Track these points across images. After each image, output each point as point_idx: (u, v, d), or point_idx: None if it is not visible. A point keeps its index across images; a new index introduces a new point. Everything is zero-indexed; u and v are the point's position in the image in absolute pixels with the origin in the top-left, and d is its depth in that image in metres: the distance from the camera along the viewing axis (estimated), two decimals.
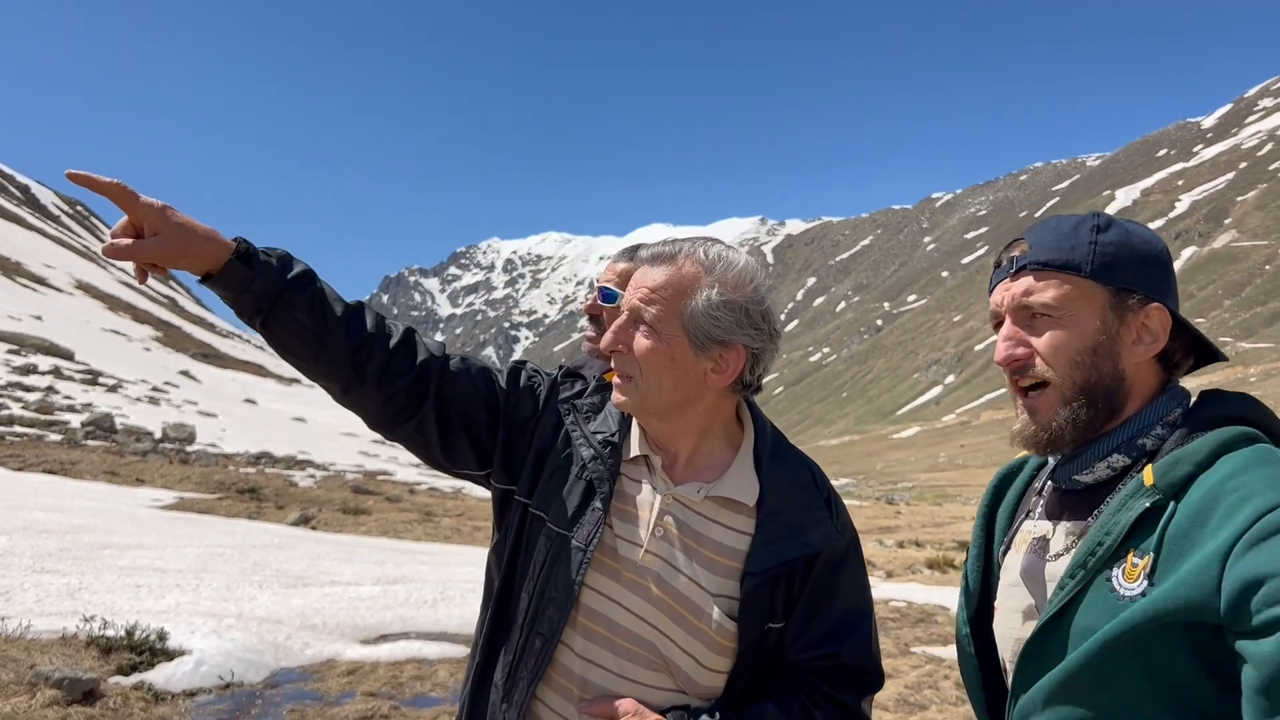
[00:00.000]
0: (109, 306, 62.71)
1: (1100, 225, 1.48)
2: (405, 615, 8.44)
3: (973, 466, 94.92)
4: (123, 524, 11.94)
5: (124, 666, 5.81)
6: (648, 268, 1.71)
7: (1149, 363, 1.49)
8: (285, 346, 1.69)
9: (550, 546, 1.70)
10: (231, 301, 1.65)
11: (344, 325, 1.69)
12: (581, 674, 1.65)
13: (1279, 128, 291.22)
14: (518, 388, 1.83)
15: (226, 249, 1.62)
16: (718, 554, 1.67)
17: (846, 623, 1.72)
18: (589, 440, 1.75)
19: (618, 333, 1.70)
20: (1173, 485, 1.34)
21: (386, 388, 1.71)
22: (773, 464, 1.75)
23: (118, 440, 24.02)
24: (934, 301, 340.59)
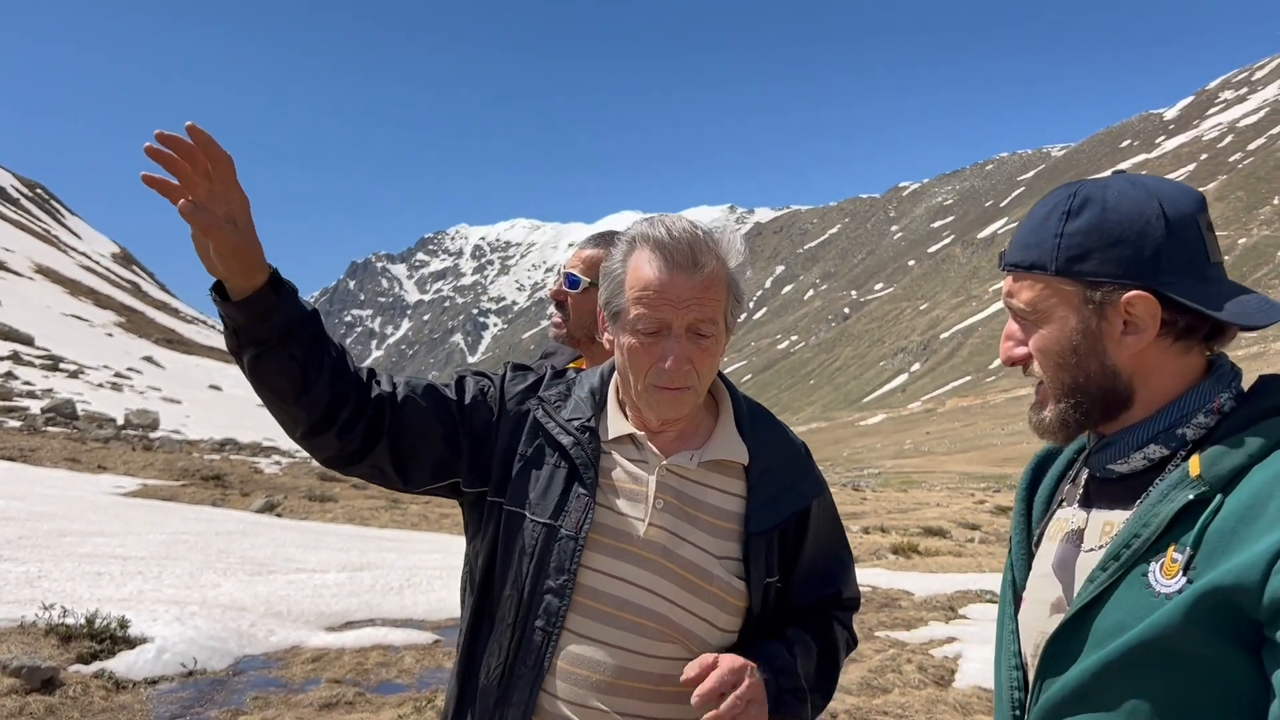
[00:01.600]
0: (70, 291, 61.79)
1: (1072, 210, 1.36)
2: (371, 602, 8.41)
3: (938, 453, 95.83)
4: (84, 511, 11.79)
5: (84, 655, 5.75)
6: (680, 276, 1.65)
7: (1162, 345, 1.35)
8: (269, 384, 1.61)
9: (538, 539, 1.69)
10: (242, 326, 1.56)
11: (333, 371, 1.64)
12: (593, 656, 1.65)
13: (1239, 120, 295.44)
14: (468, 396, 1.81)
15: (265, 270, 1.56)
16: (717, 518, 1.73)
17: (840, 560, 1.88)
18: (565, 428, 1.75)
19: (681, 357, 1.66)
20: (1220, 478, 1.24)
21: (346, 434, 1.67)
22: (754, 425, 1.82)
23: (79, 427, 23.71)
24: (900, 290, 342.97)
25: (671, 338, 1.66)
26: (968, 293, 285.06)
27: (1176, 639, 1.21)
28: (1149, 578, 1.26)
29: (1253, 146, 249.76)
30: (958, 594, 11.61)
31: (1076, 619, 1.34)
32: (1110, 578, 1.30)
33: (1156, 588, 1.24)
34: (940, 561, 16.06)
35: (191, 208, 1.45)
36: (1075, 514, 1.46)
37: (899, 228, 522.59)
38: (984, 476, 63.41)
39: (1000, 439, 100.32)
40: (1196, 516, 1.23)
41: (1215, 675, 1.21)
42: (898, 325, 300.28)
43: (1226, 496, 1.22)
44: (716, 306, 1.68)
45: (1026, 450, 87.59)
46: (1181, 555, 1.23)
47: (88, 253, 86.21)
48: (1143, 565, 1.27)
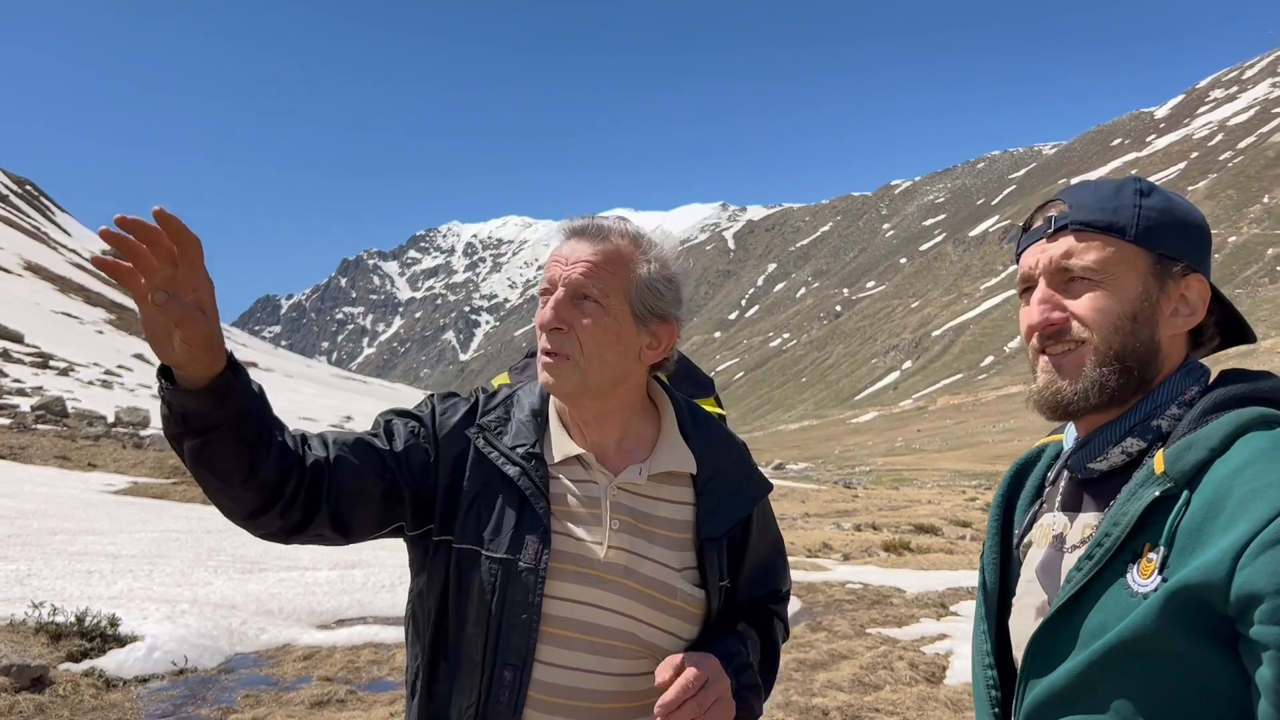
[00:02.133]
0: (60, 288, 61.54)
1: (1143, 190, 1.41)
2: (363, 600, 8.40)
3: (929, 451, 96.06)
4: (74, 509, 11.76)
5: (74, 653, 5.73)
6: (577, 243, 1.67)
7: (1180, 337, 1.41)
8: (213, 467, 1.48)
9: (497, 573, 1.62)
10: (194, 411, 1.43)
11: (280, 450, 1.53)
12: (569, 684, 1.62)
13: (1229, 118, 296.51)
14: (400, 442, 1.69)
15: (223, 355, 1.42)
16: (672, 530, 1.71)
17: (781, 555, 1.93)
18: (510, 457, 1.68)
19: (558, 309, 1.63)
20: (1185, 472, 1.24)
21: (288, 510, 1.56)
22: (697, 431, 1.79)
23: (69, 424, 23.63)
24: (892, 288, 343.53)
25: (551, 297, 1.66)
26: (959, 290, 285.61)
27: (1154, 638, 1.21)
28: (1128, 578, 1.26)
29: (1243, 145, 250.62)
30: (949, 591, 11.64)
31: (1057, 620, 1.34)
32: (1085, 577, 1.30)
33: (1134, 588, 1.25)
34: (931, 559, 16.09)
35: (165, 298, 1.32)
36: (1057, 518, 1.47)
37: (891, 226, 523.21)
38: (975, 474, 63.56)
39: (991, 436, 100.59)
40: (1167, 513, 1.24)
41: (1195, 672, 1.22)
42: (889, 323, 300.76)
43: (1193, 492, 1.23)
44: (610, 279, 1.63)
45: (1018, 448, 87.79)
46: (1156, 555, 1.24)
47: (77, 250, 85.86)
48: (1119, 565, 1.28)
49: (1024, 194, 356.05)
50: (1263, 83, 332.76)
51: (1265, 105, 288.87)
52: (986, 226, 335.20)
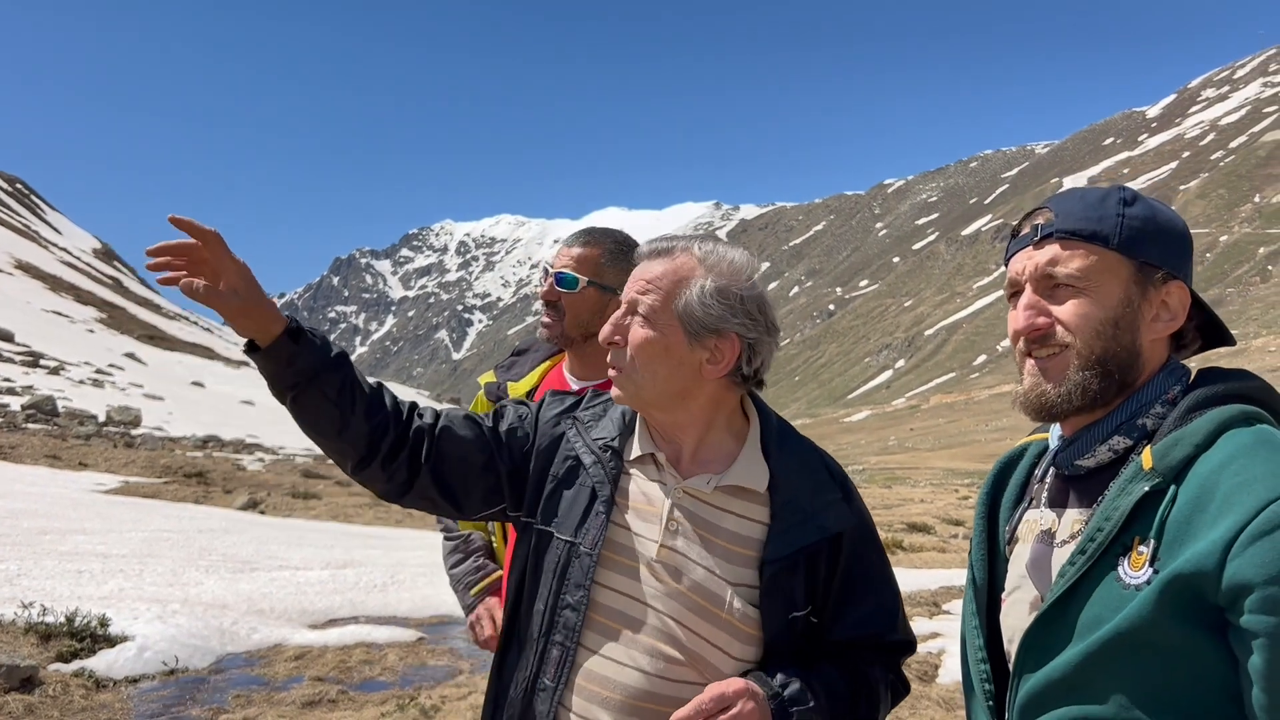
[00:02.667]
0: (50, 287, 61.34)
1: (1127, 199, 1.45)
2: (355, 599, 8.38)
3: (922, 450, 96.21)
4: (64, 509, 11.71)
5: (64, 653, 5.70)
6: (646, 262, 1.76)
7: (1161, 341, 1.46)
8: (310, 422, 1.74)
9: (561, 555, 1.73)
10: (270, 373, 1.69)
11: (366, 407, 1.74)
12: (609, 674, 1.67)
13: (1220, 118, 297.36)
14: (505, 424, 1.86)
15: (280, 323, 1.67)
16: (733, 543, 1.70)
17: (883, 605, 1.81)
18: (590, 447, 1.79)
19: (615, 325, 1.74)
20: (1171, 468, 1.30)
21: (389, 465, 1.76)
22: (781, 451, 1.78)
23: (60, 424, 23.55)
24: (885, 287, 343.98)
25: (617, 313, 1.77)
26: (952, 289, 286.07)
27: (1149, 629, 1.26)
28: (1119, 570, 1.31)
29: (1234, 144, 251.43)
30: (941, 590, 11.64)
31: (1051, 615, 1.38)
32: (1079, 571, 1.35)
33: (1126, 580, 1.30)
34: (924, 557, 16.12)
35: (189, 287, 1.61)
36: (1044, 514, 1.51)
37: (884, 225, 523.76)
38: (967, 473, 63.69)
39: (984, 435, 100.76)
40: (1156, 508, 1.29)
41: (1188, 661, 1.26)
42: (882, 322, 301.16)
43: (1179, 487, 1.28)
44: (661, 296, 1.71)
45: (1010, 446, 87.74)
46: (1147, 548, 1.29)
47: (68, 248, 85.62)
48: (1110, 559, 1.33)
49: (1016, 193, 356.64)
50: (1254, 82, 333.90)
51: (1256, 105, 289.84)
52: (979, 225, 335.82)
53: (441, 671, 6.65)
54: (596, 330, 2.41)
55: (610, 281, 2.47)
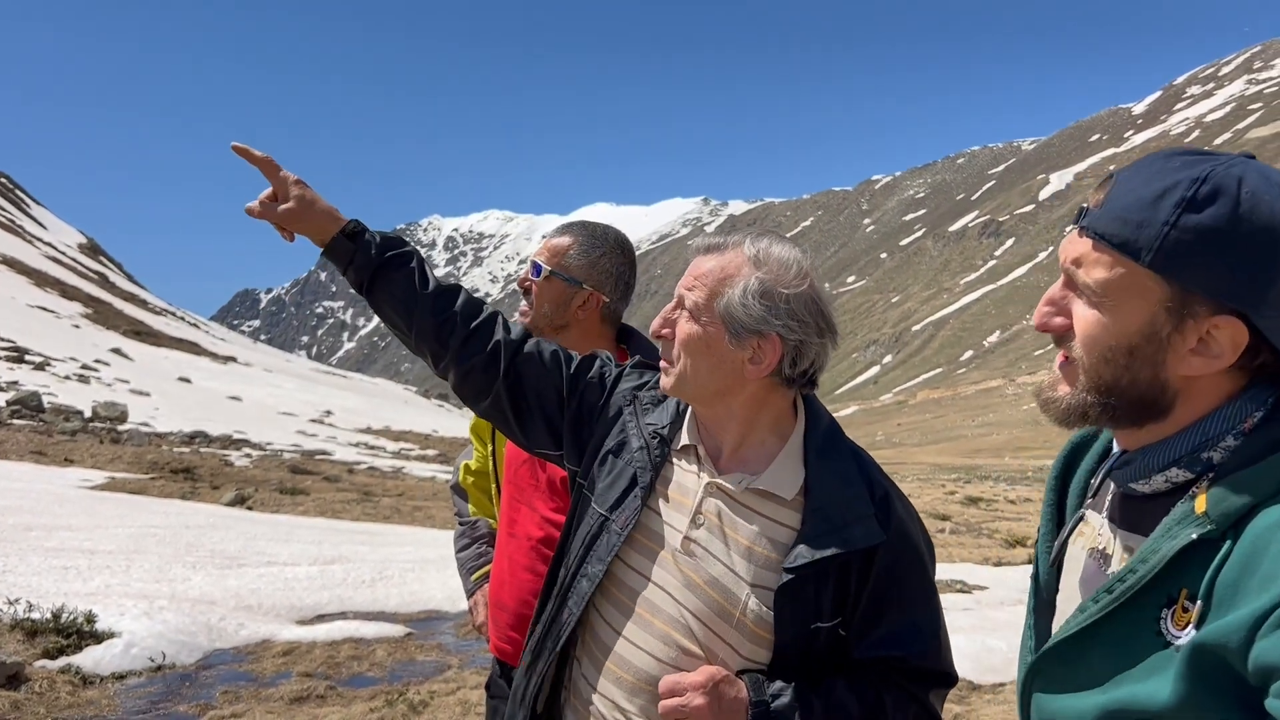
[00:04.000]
0: (35, 282, 60.94)
1: (1196, 199, 1.10)
2: (343, 595, 8.36)
3: (909, 445, 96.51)
4: (50, 505, 11.65)
5: (50, 650, 5.68)
6: (700, 257, 1.76)
7: (1211, 377, 1.17)
8: (383, 315, 1.92)
9: (594, 526, 1.79)
10: (341, 272, 1.92)
11: (432, 301, 1.89)
12: (620, 652, 1.72)
13: (1206, 115, 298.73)
14: (588, 375, 1.93)
15: (338, 226, 1.91)
16: (756, 544, 1.68)
17: (915, 625, 1.71)
18: (641, 432, 1.82)
19: (665, 317, 1.77)
20: (1227, 516, 1.08)
21: (463, 362, 1.89)
22: (820, 459, 1.72)
23: (45, 419, 23.42)
24: (873, 283, 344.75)
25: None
26: (939, 285, 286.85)
27: (1185, 701, 1.08)
28: (1162, 624, 1.13)
29: (1219, 141, 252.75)
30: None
31: (1067, 646, 1.24)
32: (1101, 611, 1.18)
33: (1167, 636, 1.12)
34: None
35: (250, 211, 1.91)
36: (1103, 527, 1.32)
37: (871, 221, 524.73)
38: (954, 468, 63.95)
39: (970, 431, 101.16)
40: (1208, 558, 1.09)
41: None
42: (870, 318, 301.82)
43: (1235, 540, 1.08)
44: (707, 293, 1.70)
45: (996, 442, 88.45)
46: (1193, 605, 1.09)
47: (54, 243, 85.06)
48: (1149, 605, 1.15)
49: (1003, 189, 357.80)
50: (1238, 79, 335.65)
51: (1241, 101, 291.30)
52: (966, 222, 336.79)
53: (430, 667, 6.65)
54: (562, 322, 2.45)
55: (576, 273, 2.45)
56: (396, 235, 1.94)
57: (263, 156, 1.88)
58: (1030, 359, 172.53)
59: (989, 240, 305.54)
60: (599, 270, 2.48)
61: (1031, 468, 59.69)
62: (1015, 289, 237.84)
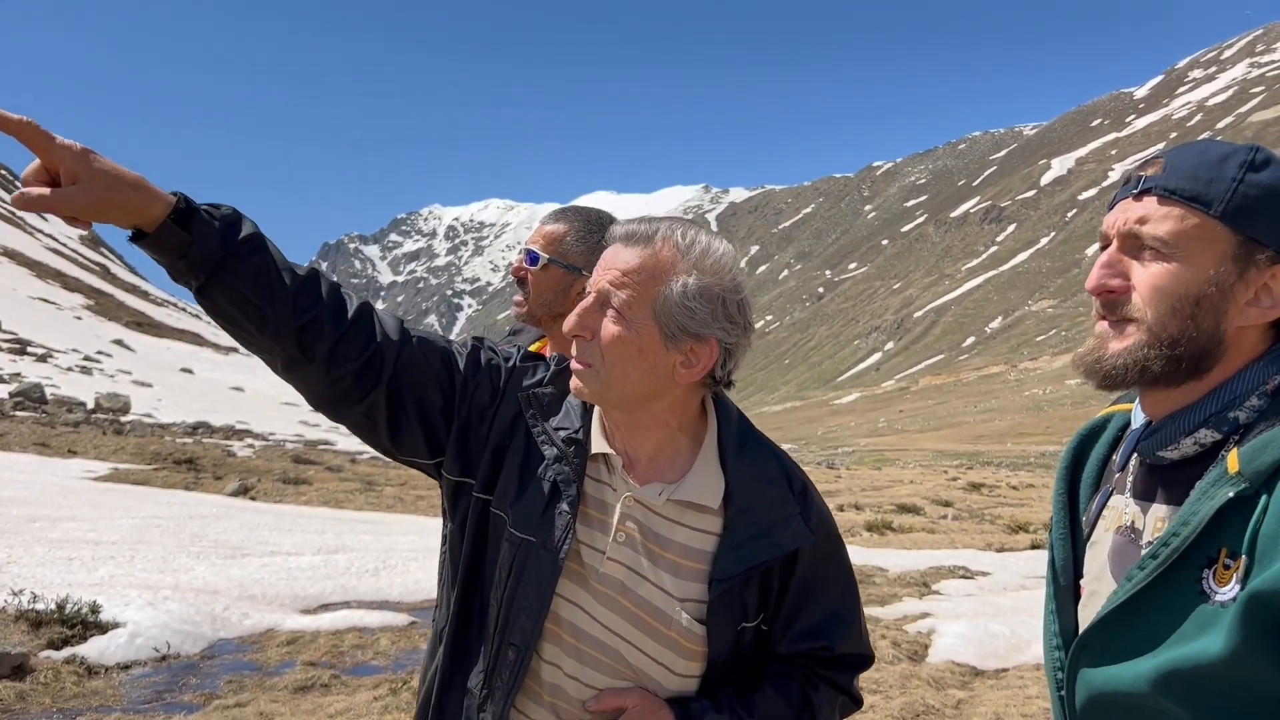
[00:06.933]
0: (37, 274, 60.96)
1: (1255, 162, 1.25)
2: (346, 584, 8.39)
3: (911, 431, 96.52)
4: (54, 496, 11.67)
5: (55, 640, 5.70)
6: (620, 247, 1.58)
7: (1256, 329, 1.27)
8: (225, 317, 1.53)
9: (515, 552, 1.59)
10: (166, 266, 1.48)
11: (292, 299, 1.52)
12: (550, 680, 1.59)
13: (1208, 98, 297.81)
14: (477, 371, 1.68)
15: (162, 205, 1.43)
16: (683, 557, 1.59)
17: (836, 614, 1.68)
18: (551, 438, 1.63)
19: (582, 316, 1.56)
20: (1260, 474, 1.15)
21: (334, 370, 1.56)
22: (739, 459, 1.64)
23: (48, 411, 23.46)
24: (874, 269, 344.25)
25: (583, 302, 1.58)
26: (941, 271, 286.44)
27: (1238, 655, 1.12)
28: (1204, 584, 1.18)
29: (1221, 125, 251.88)
30: (931, 570, 11.72)
31: (1115, 618, 1.27)
32: (1148, 577, 1.22)
33: (1212, 595, 1.17)
34: (914, 538, 16.20)
35: (23, 202, 1.37)
36: (1130, 505, 1.36)
37: (873, 207, 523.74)
38: (957, 454, 63.98)
39: (973, 416, 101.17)
40: (1246, 515, 1.15)
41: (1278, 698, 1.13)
42: (871, 304, 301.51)
43: (1270, 495, 1.13)
44: (637, 291, 1.53)
45: (998, 428, 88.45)
46: (1235, 562, 1.15)
47: (55, 235, 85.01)
48: (1189, 567, 1.20)
49: (1004, 175, 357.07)
50: (1240, 63, 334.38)
51: (1243, 85, 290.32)
52: (967, 207, 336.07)
53: None
54: (561, 311, 2.29)
55: (575, 260, 2.39)
56: (233, 210, 1.52)
57: (20, 121, 1.35)
58: (1032, 345, 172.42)
59: (990, 226, 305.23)
60: (597, 255, 2.46)
61: (1034, 453, 59.70)
62: (1017, 275, 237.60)
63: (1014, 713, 5.75)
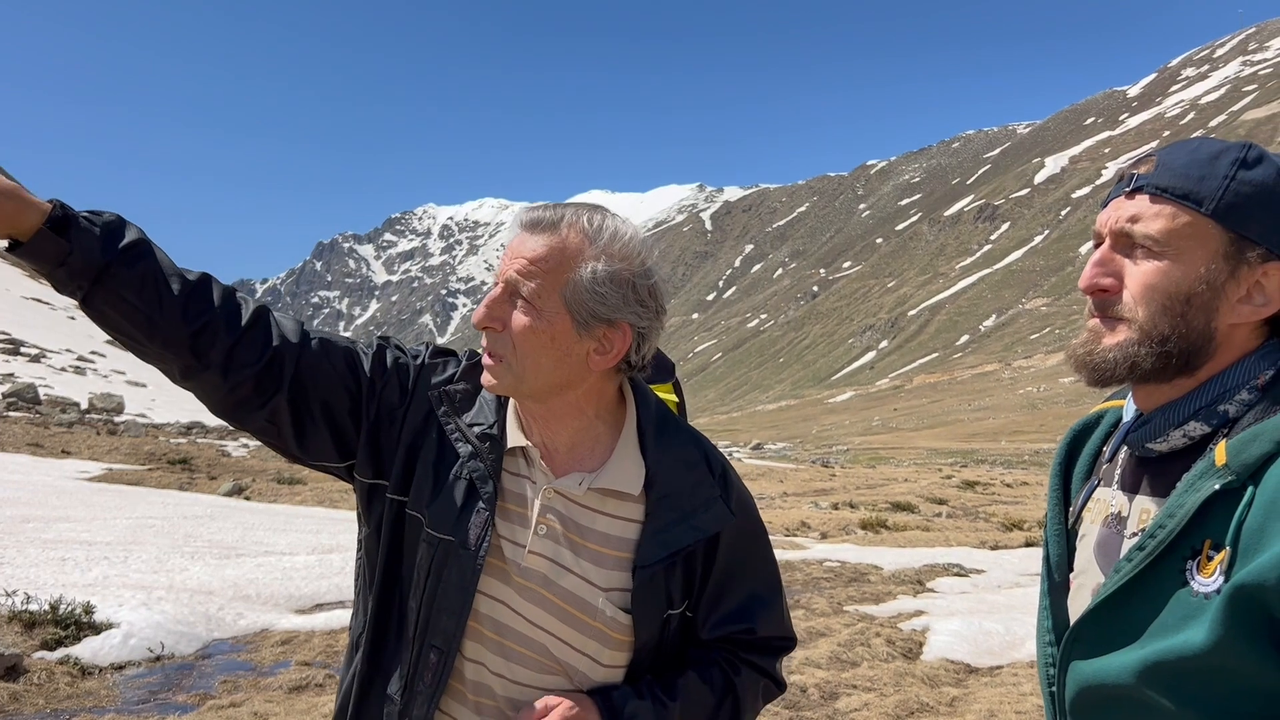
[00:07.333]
0: (29, 274, 60.75)
1: (1247, 160, 1.25)
2: (341, 584, 8.38)
3: (905, 430, 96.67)
4: (48, 496, 11.64)
5: (49, 641, 5.69)
6: (526, 235, 1.54)
7: (1248, 327, 1.28)
8: (113, 326, 1.48)
9: (434, 553, 1.57)
10: (46, 275, 1.43)
11: (182, 304, 1.48)
12: (473, 678, 1.57)
13: (1201, 96, 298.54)
14: (384, 370, 1.65)
15: (36, 213, 1.39)
16: (605, 546, 1.58)
17: (757, 597, 1.69)
18: (465, 435, 1.61)
19: (491, 307, 1.54)
20: (1247, 466, 1.15)
21: (232, 376, 1.53)
22: (658, 445, 1.64)
23: (42, 411, 23.40)
24: (868, 268, 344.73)
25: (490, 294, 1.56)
26: (935, 270, 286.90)
27: (1220, 647, 1.14)
28: (1188, 575, 1.19)
29: (1214, 123, 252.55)
30: (925, 568, 11.74)
31: (1104, 610, 1.29)
32: (1135, 569, 1.24)
33: (1196, 586, 1.18)
34: (908, 536, 16.22)
35: None
36: (1116, 496, 1.38)
37: (867, 206, 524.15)
38: (951, 452, 64.11)
39: (967, 415, 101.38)
40: (1230, 508, 1.16)
41: (1261, 689, 1.15)
42: (866, 303, 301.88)
43: (1256, 488, 1.14)
44: (545, 279, 1.51)
45: (993, 426, 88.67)
46: (1218, 554, 1.16)
47: None
48: (1176, 559, 1.21)
49: (998, 173, 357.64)
50: (1233, 61, 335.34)
51: (1236, 83, 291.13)
52: (962, 206, 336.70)
53: None
54: None
55: None
56: (115, 217, 1.47)
57: None
58: (1026, 343, 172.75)
59: (984, 224, 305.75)
60: None
61: (1028, 451, 59.85)
62: (1011, 273, 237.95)
63: (1008, 710, 5.77)
